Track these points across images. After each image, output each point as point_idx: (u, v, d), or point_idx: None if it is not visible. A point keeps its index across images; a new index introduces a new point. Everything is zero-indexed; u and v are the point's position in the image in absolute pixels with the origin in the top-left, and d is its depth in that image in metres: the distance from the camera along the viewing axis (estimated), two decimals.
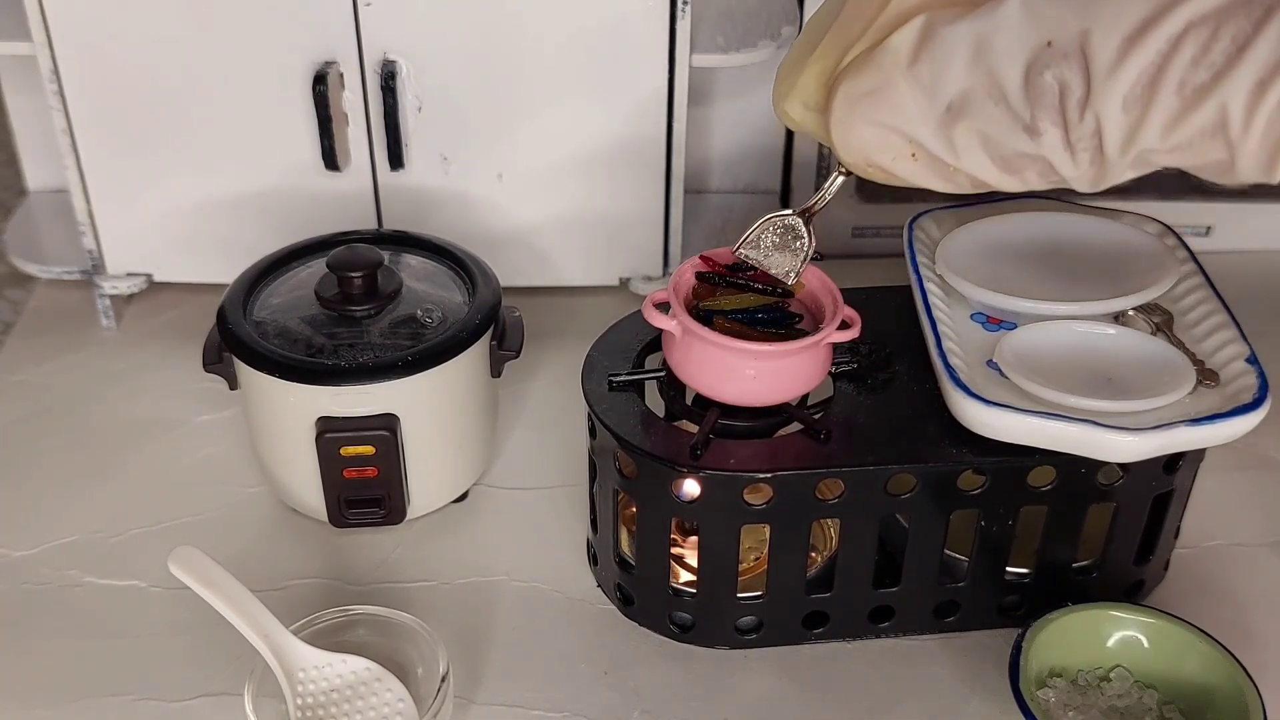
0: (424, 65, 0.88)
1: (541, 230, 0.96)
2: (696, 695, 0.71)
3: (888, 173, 0.56)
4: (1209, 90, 0.45)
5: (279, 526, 0.82)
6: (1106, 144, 0.48)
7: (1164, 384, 0.67)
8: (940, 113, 0.52)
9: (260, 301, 0.79)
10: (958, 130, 0.52)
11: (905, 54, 0.53)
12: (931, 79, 0.52)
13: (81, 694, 0.71)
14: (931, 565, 0.72)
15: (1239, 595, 0.77)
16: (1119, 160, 0.49)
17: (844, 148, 0.57)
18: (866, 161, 0.57)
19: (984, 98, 0.51)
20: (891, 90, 0.54)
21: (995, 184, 0.53)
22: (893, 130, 0.54)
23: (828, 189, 0.64)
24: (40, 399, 0.92)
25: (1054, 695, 0.68)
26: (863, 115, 0.55)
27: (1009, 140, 0.51)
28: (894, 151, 0.55)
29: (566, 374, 0.90)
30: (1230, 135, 0.45)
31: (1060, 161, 0.50)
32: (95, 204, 0.93)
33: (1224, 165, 0.47)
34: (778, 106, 0.60)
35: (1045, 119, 0.49)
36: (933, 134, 0.53)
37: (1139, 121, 0.47)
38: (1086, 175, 0.50)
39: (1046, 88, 0.49)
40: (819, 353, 0.68)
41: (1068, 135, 0.49)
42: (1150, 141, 0.47)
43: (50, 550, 0.80)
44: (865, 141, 0.56)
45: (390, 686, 0.67)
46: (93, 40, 0.87)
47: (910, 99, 0.53)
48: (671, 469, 0.68)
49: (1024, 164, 0.52)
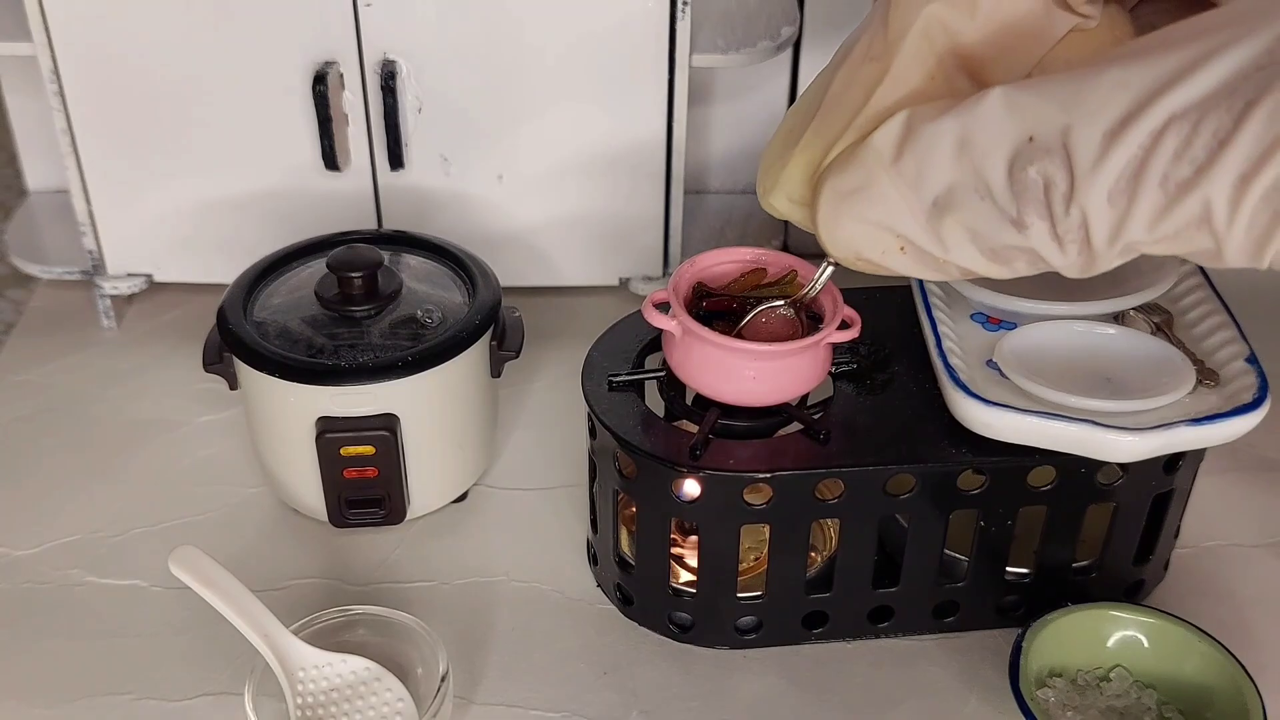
0: (424, 65, 0.88)
1: (541, 231, 0.96)
2: (696, 695, 0.71)
3: (877, 265, 0.57)
4: (1192, 185, 0.45)
5: (279, 526, 0.82)
6: (1093, 237, 0.48)
7: (1164, 384, 0.67)
8: (927, 208, 0.52)
9: (260, 302, 0.79)
10: (945, 225, 0.52)
11: (888, 152, 0.53)
12: (916, 175, 0.52)
13: (81, 694, 0.71)
14: (931, 565, 0.72)
15: (1239, 595, 0.77)
16: (1107, 251, 0.49)
17: (832, 244, 0.57)
18: (856, 256, 0.57)
19: (969, 193, 0.51)
20: (876, 188, 0.54)
21: (985, 274, 0.54)
22: (880, 227, 0.54)
23: (818, 279, 0.65)
24: (41, 399, 0.92)
25: (1053, 695, 0.68)
26: (849, 213, 0.55)
27: (996, 234, 0.51)
28: (883, 246, 0.55)
29: (566, 374, 0.90)
30: (1215, 228, 0.45)
31: (1049, 253, 0.50)
32: (95, 204, 0.93)
33: (1212, 254, 0.47)
34: (763, 200, 0.61)
35: (1031, 213, 0.49)
36: (920, 229, 0.53)
37: (1124, 215, 0.47)
38: (1076, 264, 0.51)
39: (1030, 183, 0.49)
40: (819, 353, 0.68)
41: (1055, 228, 0.49)
42: (1136, 234, 0.47)
43: (51, 550, 0.80)
44: (853, 238, 0.56)
45: (390, 686, 0.67)
46: (93, 40, 0.87)
47: (896, 196, 0.53)
48: (671, 469, 0.68)
49: (1013, 255, 0.52)
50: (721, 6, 0.95)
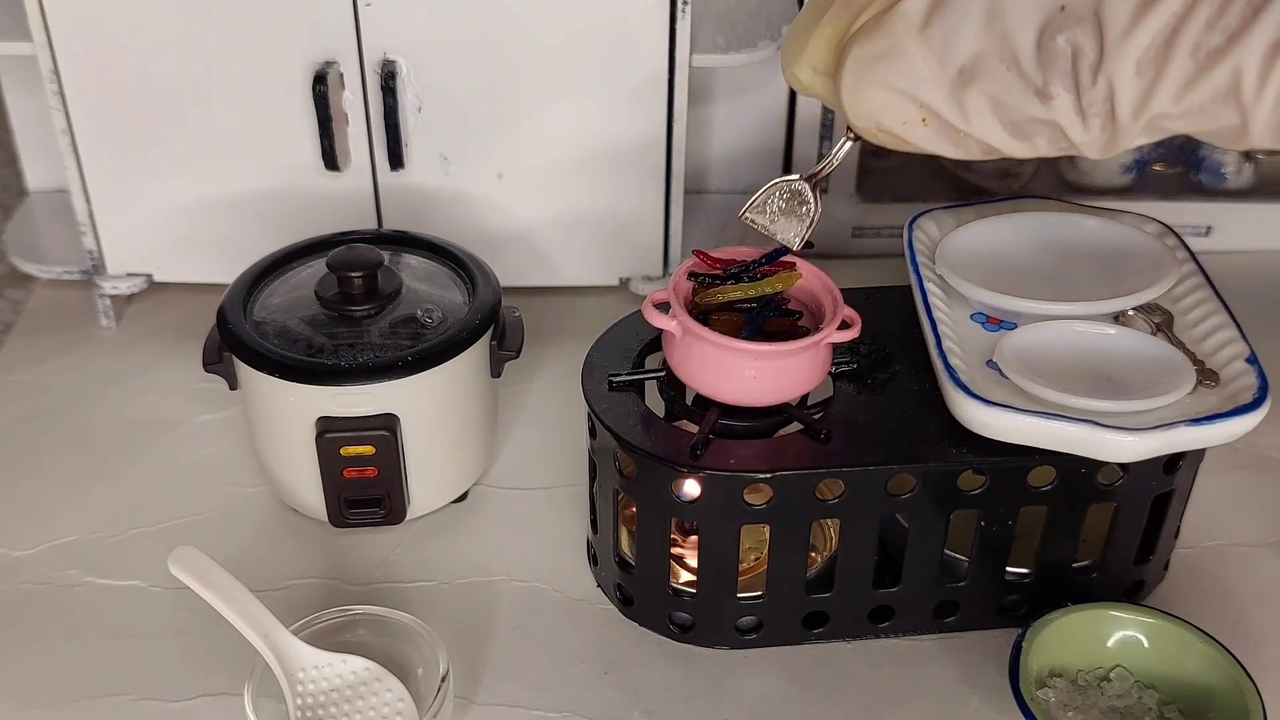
0: (424, 65, 0.88)
1: (541, 230, 0.96)
2: (696, 695, 0.71)
3: (898, 138, 0.56)
4: (1223, 53, 0.45)
5: (279, 526, 0.82)
6: (1119, 108, 0.48)
7: (1164, 384, 0.67)
8: (952, 77, 0.52)
9: (260, 301, 0.79)
10: (969, 94, 0.52)
11: (917, 18, 0.52)
12: (943, 43, 0.52)
13: (81, 694, 0.71)
14: (931, 565, 0.72)
15: (1239, 595, 0.77)
16: (1131, 125, 0.49)
17: (854, 112, 0.56)
18: (877, 126, 0.56)
19: (996, 62, 0.51)
20: (903, 54, 0.53)
21: (1006, 149, 0.53)
22: (904, 95, 0.54)
23: (836, 153, 0.63)
24: (40, 399, 0.92)
25: (1054, 695, 0.68)
26: (873, 79, 0.55)
27: (1020, 105, 0.51)
28: (905, 116, 0.55)
29: (566, 374, 0.90)
30: (1243, 100, 0.45)
31: (1071, 126, 0.50)
32: (95, 204, 0.93)
33: (1237, 130, 0.47)
34: (786, 70, 0.60)
35: (1057, 83, 0.49)
36: (944, 98, 0.53)
37: (1152, 85, 0.47)
38: (1098, 141, 0.50)
39: (1059, 52, 0.49)
40: (819, 353, 0.68)
41: (1080, 100, 0.49)
42: (1163, 106, 0.47)
43: (50, 550, 0.80)
44: (876, 106, 0.55)
45: (390, 686, 0.67)
46: (93, 40, 0.87)
47: (922, 63, 0.53)
48: (671, 469, 0.68)
49: (1035, 129, 0.51)
50: (721, 6, 0.95)
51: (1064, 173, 1.08)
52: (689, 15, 0.86)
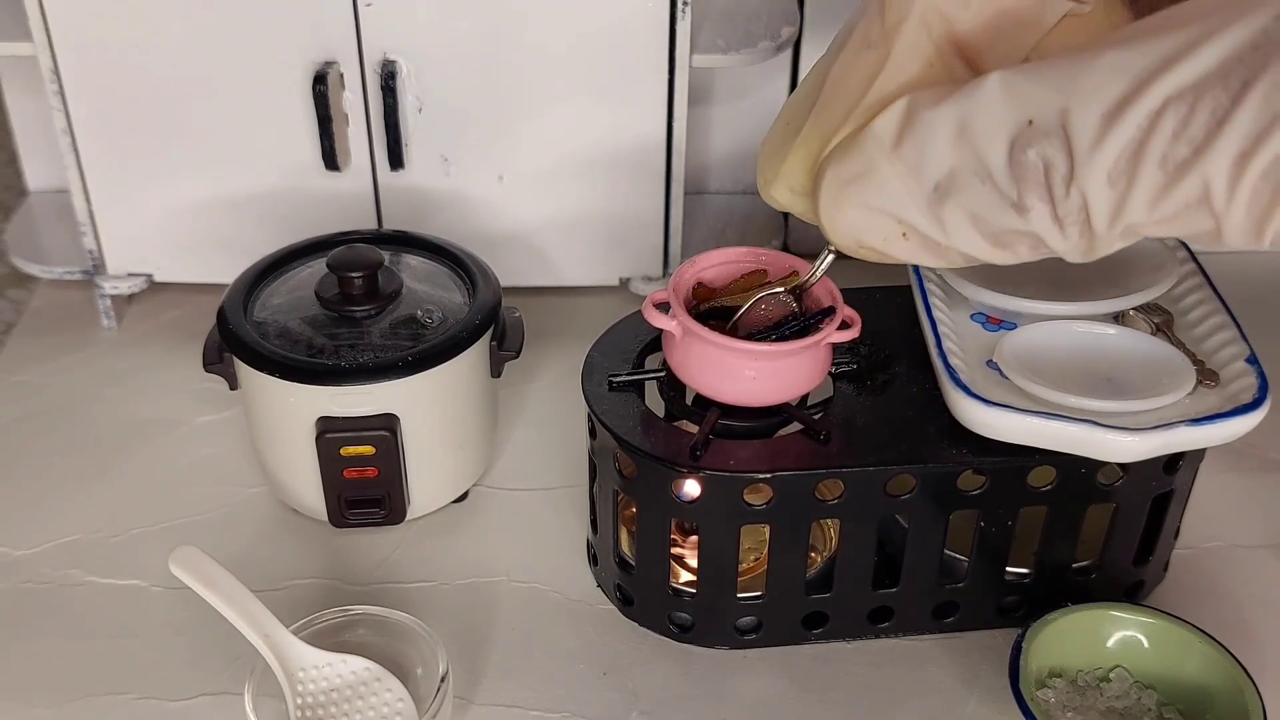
0: (424, 65, 0.88)
1: (541, 230, 0.96)
2: (696, 695, 0.71)
3: (880, 253, 0.57)
4: (1191, 165, 0.45)
5: (279, 526, 0.82)
6: (1094, 219, 0.49)
7: (1164, 384, 0.67)
8: (928, 193, 0.53)
9: (260, 302, 0.79)
10: (946, 210, 0.52)
11: (889, 138, 0.53)
12: (917, 161, 0.52)
13: (81, 694, 0.71)
14: (931, 566, 0.72)
15: (1239, 595, 0.77)
16: (1107, 234, 0.49)
17: (834, 232, 0.57)
18: (858, 244, 0.57)
19: (970, 177, 0.51)
20: (877, 174, 0.54)
21: (988, 259, 0.54)
22: (882, 213, 0.55)
23: (819, 266, 0.65)
24: (40, 399, 0.92)
25: (1054, 696, 0.68)
26: (850, 200, 0.55)
27: (998, 218, 0.51)
28: (885, 233, 0.55)
29: (566, 374, 0.90)
30: (1215, 207, 0.45)
31: (1050, 236, 0.50)
32: (95, 204, 0.93)
33: (1212, 234, 0.47)
34: (764, 191, 0.61)
35: (1032, 196, 0.49)
36: (922, 214, 0.53)
37: (1124, 196, 0.47)
38: (1078, 247, 0.51)
39: (1031, 165, 0.49)
40: (819, 353, 0.68)
41: (1055, 211, 0.49)
42: (1136, 215, 0.48)
43: (50, 550, 0.80)
44: (855, 225, 0.56)
45: (390, 686, 0.67)
46: (93, 40, 0.87)
47: (897, 181, 0.53)
48: (671, 469, 0.68)
49: (1015, 239, 0.52)
50: (721, 6, 0.95)
51: None
52: (689, 16, 0.86)
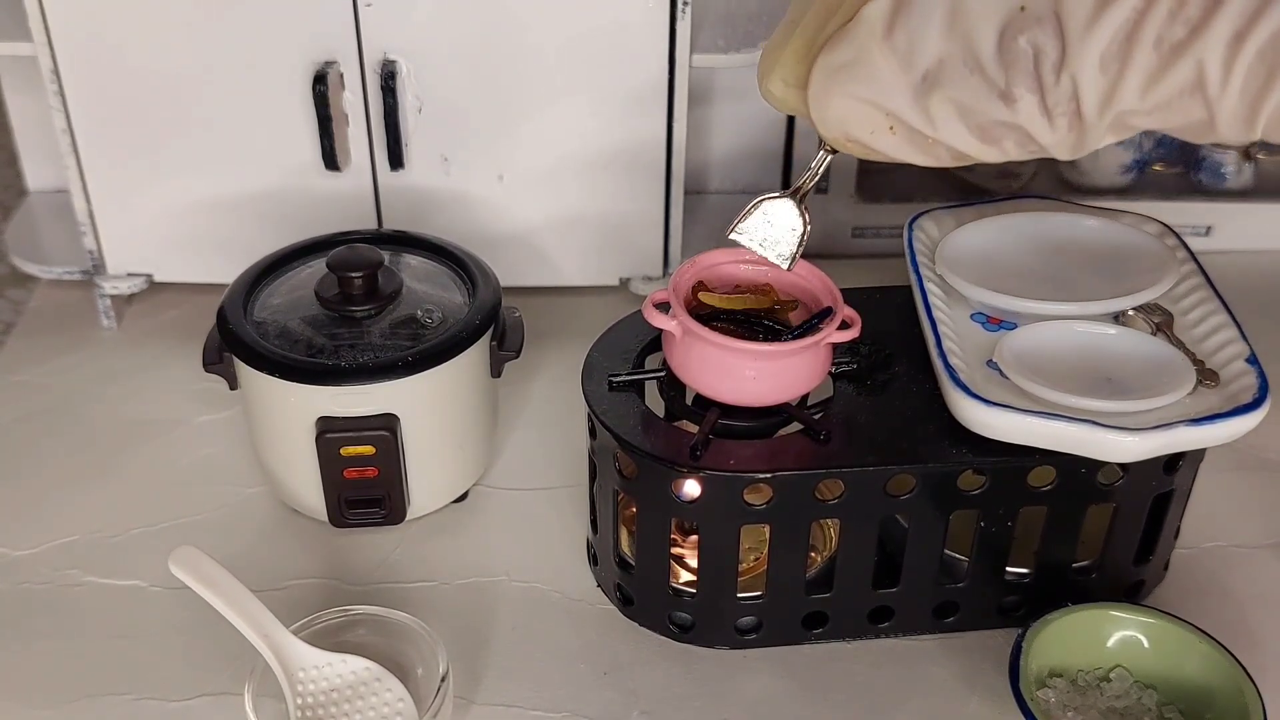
0: (424, 65, 0.88)
1: (541, 230, 0.96)
2: (696, 695, 0.71)
3: (867, 147, 0.56)
4: (1186, 46, 0.44)
5: (279, 526, 0.82)
6: (1084, 105, 0.48)
7: (1164, 384, 0.67)
8: (916, 83, 0.52)
9: (260, 302, 0.79)
10: (934, 100, 0.52)
11: (880, 24, 0.52)
12: (907, 48, 0.51)
13: (81, 694, 0.71)
14: (931, 565, 0.72)
15: (1239, 595, 0.77)
16: (1097, 123, 0.48)
17: (822, 122, 0.56)
18: (845, 136, 0.56)
19: (959, 66, 0.50)
20: (867, 62, 0.53)
21: (975, 154, 0.52)
22: (870, 103, 0.54)
23: (816, 167, 0.63)
24: (40, 399, 0.92)
25: (1054, 695, 0.68)
26: (839, 88, 0.54)
27: (985, 108, 0.50)
28: (872, 125, 0.54)
29: (566, 374, 0.90)
30: (1209, 92, 0.45)
31: (1037, 128, 0.50)
32: (95, 204, 0.93)
33: (1205, 124, 0.46)
34: (761, 85, 0.60)
35: (1020, 84, 0.49)
36: (909, 105, 0.52)
37: (1116, 80, 0.46)
38: (1065, 141, 0.50)
39: (1021, 53, 0.48)
40: (819, 353, 0.68)
41: (1044, 100, 0.49)
42: (1129, 101, 0.47)
43: (50, 550, 0.80)
44: (843, 115, 0.55)
45: (390, 686, 0.67)
46: (93, 40, 0.87)
47: (886, 70, 0.52)
48: (671, 469, 0.68)
49: (1002, 133, 0.51)
50: (722, 6, 0.95)
51: (1064, 173, 1.08)
52: (689, 16, 0.86)
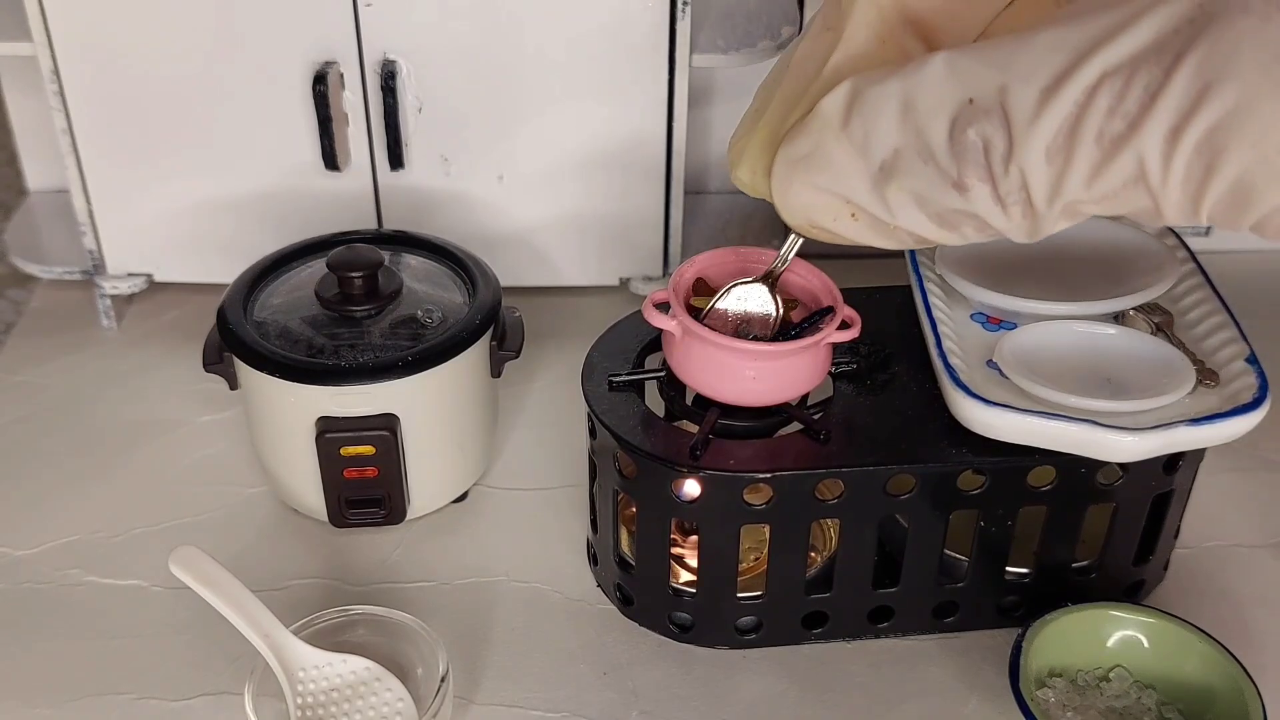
0: (424, 65, 0.88)
1: (541, 230, 0.96)
2: (696, 695, 0.71)
3: (831, 233, 0.57)
4: (1125, 140, 0.45)
5: (279, 526, 0.82)
6: (1034, 196, 0.49)
7: (1164, 384, 0.67)
8: (874, 172, 0.53)
9: (260, 302, 0.79)
10: (891, 190, 0.53)
11: (836, 116, 0.53)
12: (863, 138, 0.52)
13: (81, 694, 0.71)
14: (931, 565, 0.72)
15: (1239, 595, 0.77)
16: (1048, 211, 0.49)
17: (786, 210, 0.57)
18: (809, 223, 0.57)
19: (913, 156, 0.51)
20: (825, 153, 0.54)
21: (935, 240, 0.54)
22: (830, 193, 0.55)
23: (787, 250, 0.65)
24: (40, 399, 0.92)
25: (1054, 695, 0.68)
26: (801, 178, 0.55)
27: (940, 198, 0.51)
28: (834, 213, 0.55)
29: (566, 374, 0.90)
30: (1151, 184, 0.46)
31: (992, 216, 0.50)
32: (95, 204, 0.93)
33: (1152, 213, 0.47)
34: (732, 172, 0.61)
35: (971, 175, 0.50)
36: (868, 194, 0.53)
37: (1062, 173, 0.47)
38: (1021, 227, 0.51)
39: (970, 144, 0.49)
40: (819, 353, 0.68)
41: (996, 189, 0.49)
42: (1075, 192, 0.48)
43: (50, 550, 0.80)
44: (805, 204, 0.56)
45: (390, 686, 0.67)
46: (93, 40, 0.87)
47: (845, 160, 0.53)
48: (671, 469, 0.68)
49: (959, 220, 0.52)
50: (721, 6, 0.95)
51: None
52: (689, 16, 0.86)
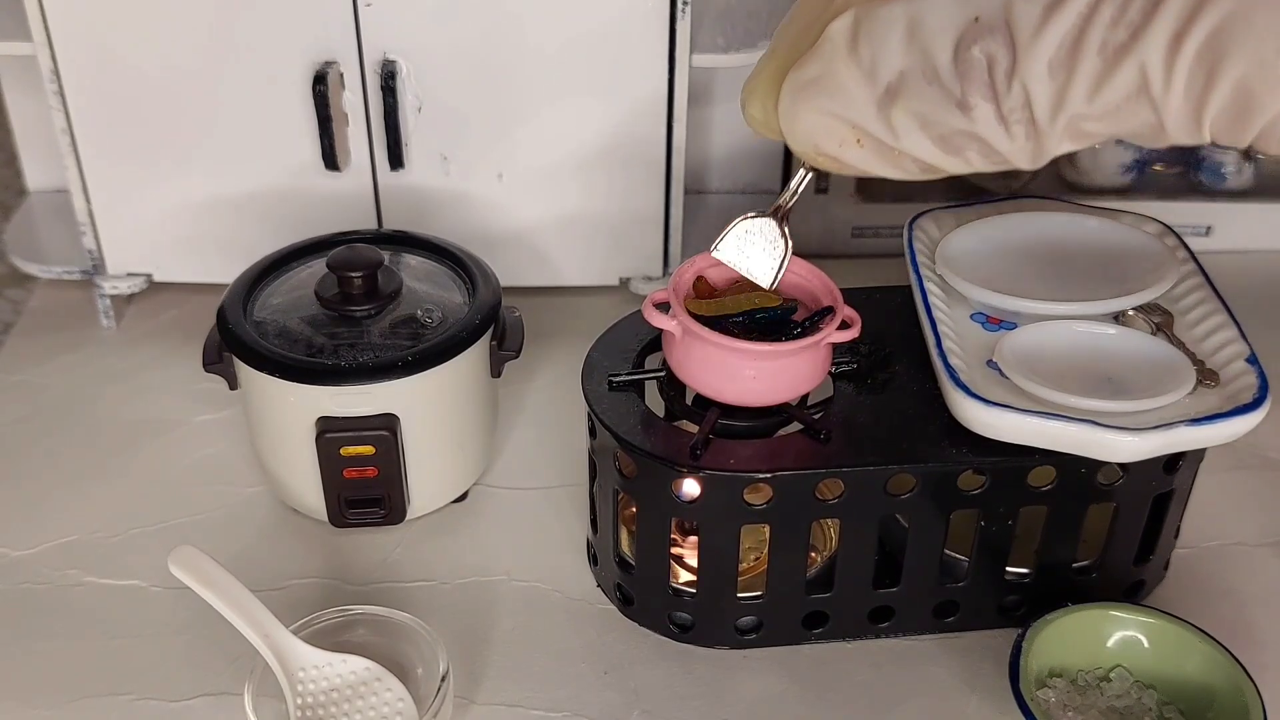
0: (424, 65, 0.88)
1: (541, 230, 0.96)
2: (696, 695, 0.71)
3: (837, 160, 0.57)
4: (1128, 49, 0.45)
5: (279, 526, 0.82)
6: (1036, 112, 0.49)
7: (1164, 384, 0.67)
8: (879, 95, 0.53)
9: (260, 301, 0.79)
10: (896, 111, 0.53)
11: (844, 39, 0.53)
12: (870, 61, 0.53)
13: (81, 694, 0.71)
14: (931, 565, 0.72)
15: (1239, 595, 0.77)
16: (1051, 129, 0.49)
17: (792, 137, 0.57)
18: (815, 150, 0.57)
19: (918, 77, 0.51)
20: (833, 76, 0.54)
21: (939, 164, 0.53)
22: (836, 117, 0.55)
23: (796, 185, 0.64)
24: (40, 399, 0.92)
25: (1054, 695, 0.68)
26: (807, 103, 0.55)
27: (945, 118, 0.51)
28: (840, 138, 0.55)
29: (566, 374, 0.90)
30: (1153, 95, 0.46)
31: (995, 136, 0.51)
32: (95, 204, 0.93)
33: (1155, 128, 0.47)
34: (744, 110, 0.61)
35: (975, 93, 0.50)
36: (873, 117, 0.53)
37: (1065, 86, 0.47)
38: (1024, 149, 0.51)
39: (974, 62, 0.49)
40: (819, 353, 0.68)
41: (999, 108, 0.50)
42: (1078, 106, 0.48)
43: (50, 550, 0.80)
44: (811, 130, 0.56)
45: (390, 686, 0.67)
46: (93, 40, 0.87)
47: (851, 83, 0.54)
48: (671, 469, 0.68)
49: (963, 143, 0.52)
50: (721, 6, 0.95)
51: (1064, 172, 1.08)
52: (689, 15, 0.86)
